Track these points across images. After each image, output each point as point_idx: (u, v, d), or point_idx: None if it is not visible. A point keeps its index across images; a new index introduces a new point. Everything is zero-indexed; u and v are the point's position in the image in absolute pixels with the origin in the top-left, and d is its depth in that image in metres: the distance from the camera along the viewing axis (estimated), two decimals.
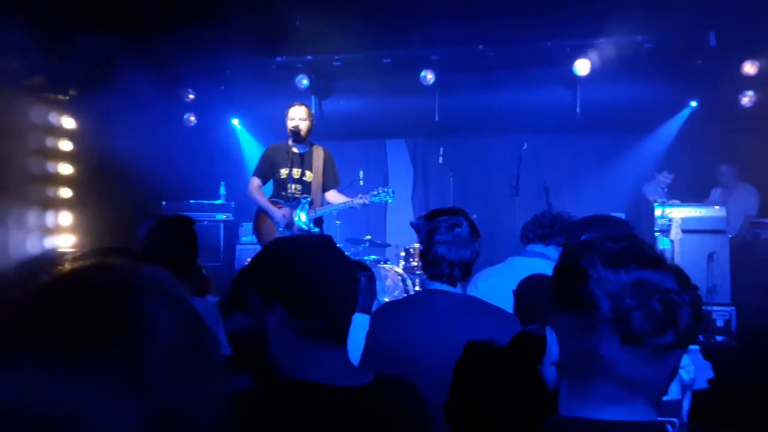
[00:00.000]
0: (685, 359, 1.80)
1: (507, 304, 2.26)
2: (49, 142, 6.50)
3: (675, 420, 1.68)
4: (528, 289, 2.22)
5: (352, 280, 1.31)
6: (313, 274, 1.25)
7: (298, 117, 4.78)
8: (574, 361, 0.96)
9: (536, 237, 3.05)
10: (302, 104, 4.90)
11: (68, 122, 6.80)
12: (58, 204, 6.44)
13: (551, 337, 0.99)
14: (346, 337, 1.31)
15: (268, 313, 1.25)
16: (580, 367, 0.95)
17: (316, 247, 1.30)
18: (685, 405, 1.73)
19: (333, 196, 4.95)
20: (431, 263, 2.16)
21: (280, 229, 4.78)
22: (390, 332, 2.12)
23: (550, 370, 1.01)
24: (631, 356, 0.90)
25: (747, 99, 6.40)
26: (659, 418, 1.52)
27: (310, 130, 4.85)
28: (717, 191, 6.66)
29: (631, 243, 0.95)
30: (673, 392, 1.72)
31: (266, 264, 1.30)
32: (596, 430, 0.93)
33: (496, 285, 2.80)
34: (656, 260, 0.92)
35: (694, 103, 6.78)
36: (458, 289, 2.19)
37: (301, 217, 4.81)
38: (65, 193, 6.60)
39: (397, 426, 1.26)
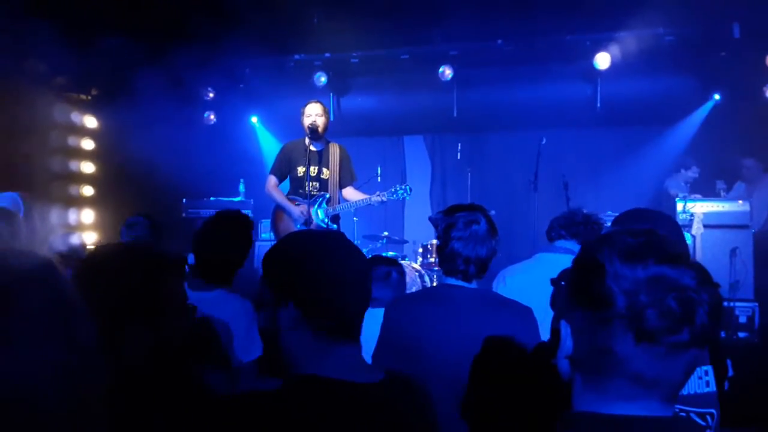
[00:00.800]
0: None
1: (537, 300, 2.22)
2: (72, 141, 6.62)
3: (714, 411, 1.66)
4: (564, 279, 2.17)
5: (364, 277, 1.31)
6: (325, 275, 1.25)
7: (314, 113, 4.79)
8: (588, 356, 0.95)
9: (569, 234, 3.02)
10: (317, 101, 4.91)
11: (90, 121, 6.91)
12: (80, 202, 6.55)
13: (565, 330, 0.99)
14: (359, 333, 1.31)
15: (281, 311, 1.26)
16: (594, 363, 0.94)
17: (328, 245, 1.30)
18: None
19: (350, 193, 4.96)
20: (447, 259, 2.16)
21: (298, 226, 4.80)
22: (404, 324, 2.12)
23: (564, 363, 1.00)
24: (645, 354, 0.88)
25: None
26: (700, 409, 1.51)
27: (326, 127, 4.86)
28: (741, 185, 6.55)
29: (650, 237, 0.93)
30: (713, 384, 1.71)
31: (279, 263, 1.31)
32: (610, 425, 0.92)
33: (525, 281, 2.77)
34: (676, 256, 0.90)
35: (717, 96, 6.66)
36: (473, 285, 2.18)
37: (319, 214, 4.83)
38: (87, 191, 6.71)
39: (405, 423, 1.26)
